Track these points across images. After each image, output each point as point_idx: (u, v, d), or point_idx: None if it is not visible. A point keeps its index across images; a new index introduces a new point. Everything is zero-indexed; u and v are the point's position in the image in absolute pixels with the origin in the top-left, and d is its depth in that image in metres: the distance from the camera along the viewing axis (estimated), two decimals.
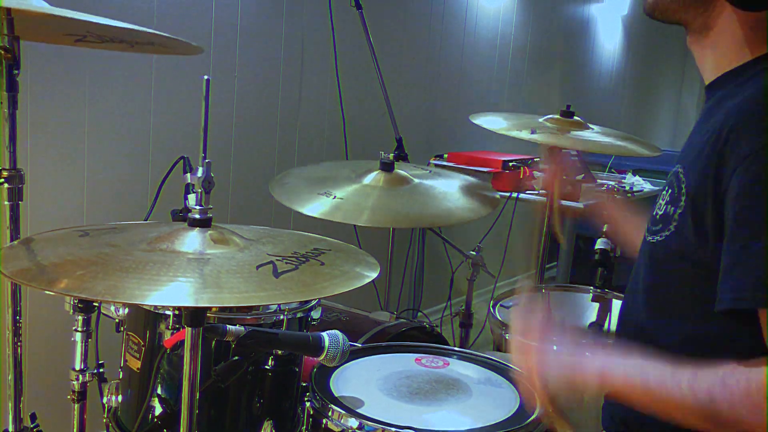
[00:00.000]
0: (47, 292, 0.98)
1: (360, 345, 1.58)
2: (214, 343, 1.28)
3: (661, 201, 1.16)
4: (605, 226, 2.33)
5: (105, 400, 1.42)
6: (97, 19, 1.28)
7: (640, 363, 1.05)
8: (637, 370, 1.04)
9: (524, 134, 2.13)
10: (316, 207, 1.79)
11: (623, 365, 1.07)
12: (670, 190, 1.12)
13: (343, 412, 1.23)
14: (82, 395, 1.52)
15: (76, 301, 1.45)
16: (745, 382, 0.93)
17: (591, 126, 2.31)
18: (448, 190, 2.00)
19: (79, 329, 1.48)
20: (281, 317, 1.36)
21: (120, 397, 1.41)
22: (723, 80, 1.13)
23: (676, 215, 1.08)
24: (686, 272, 1.09)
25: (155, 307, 1.32)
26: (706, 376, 0.97)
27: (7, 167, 1.40)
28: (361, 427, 1.20)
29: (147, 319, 1.36)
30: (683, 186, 1.08)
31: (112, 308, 1.43)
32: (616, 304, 2.12)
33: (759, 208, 0.94)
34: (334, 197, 1.83)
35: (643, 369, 1.04)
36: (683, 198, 1.07)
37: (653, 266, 1.17)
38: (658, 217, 1.15)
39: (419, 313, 3.40)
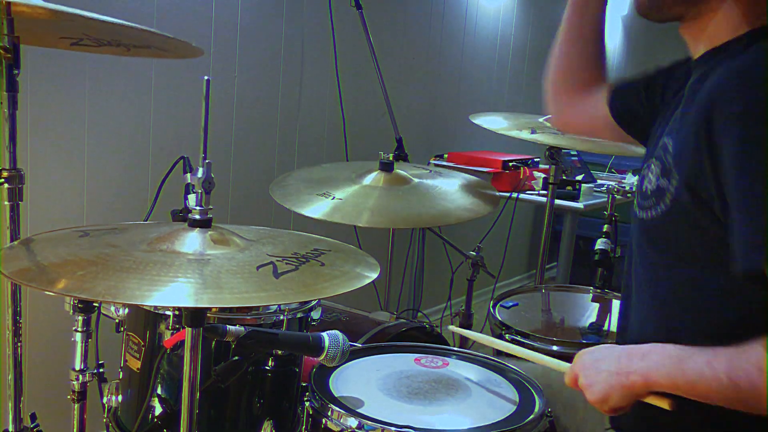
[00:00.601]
0: (47, 293, 0.98)
1: (360, 345, 1.58)
2: (214, 343, 1.28)
3: (650, 174, 1.13)
4: (605, 226, 2.33)
5: (105, 400, 1.42)
6: (94, 15, 1.28)
7: (677, 357, 1.02)
8: (675, 366, 1.02)
9: (524, 134, 2.14)
10: (316, 208, 1.79)
11: (664, 365, 1.04)
12: (659, 163, 1.10)
13: (342, 411, 1.23)
14: (82, 395, 1.52)
15: (76, 301, 1.45)
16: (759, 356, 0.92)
17: None
18: (448, 189, 2.00)
19: (79, 329, 1.48)
20: (281, 317, 1.37)
21: (120, 397, 1.42)
22: (714, 52, 1.12)
23: (671, 188, 1.06)
24: (683, 244, 1.08)
25: (155, 307, 1.32)
26: (739, 361, 0.95)
27: (7, 167, 1.40)
28: (360, 426, 1.20)
29: (147, 320, 1.36)
30: (671, 158, 1.06)
31: (112, 308, 1.43)
32: (616, 304, 2.13)
33: (753, 169, 0.92)
34: (333, 198, 1.83)
35: (679, 364, 1.01)
36: (674, 170, 1.05)
37: (646, 245, 1.15)
38: (648, 191, 1.12)
39: (419, 313, 3.40)
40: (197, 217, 1.15)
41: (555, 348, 1.81)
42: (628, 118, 1.40)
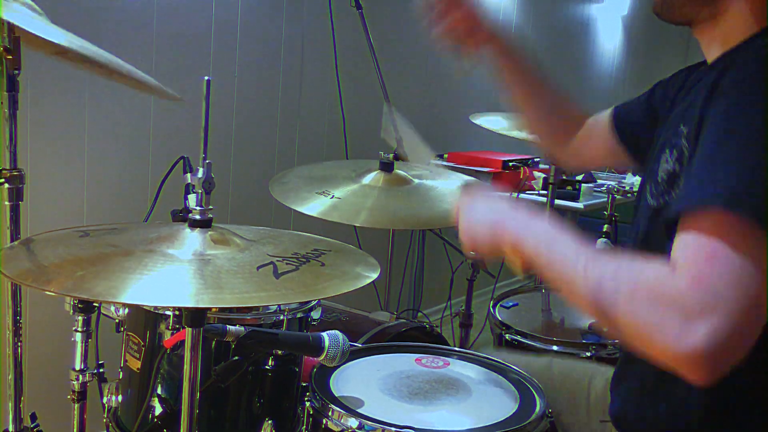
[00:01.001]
0: (47, 293, 0.98)
1: (360, 345, 1.58)
2: (214, 343, 1.28)
3: (664, 164, 1.10)
4: (605, 226, 2.33)
5: (105, 400, 1.42)
6: (91, 55, 1.27)
7: (553, 234, 0.99)
8: (548, 240, 0.99)
9: (524, 134, 2.14)
10: (314, 206, 1.79)
11: (538, 233, 1.01)
12: (674, 150, 1.08)
13: (343, 411, 1.23)
14: (82, 395, 1.52)
15: (76, 302, 1.45)
16: (635, 277, 0.85)
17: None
18: (447, 190, 2.00)
19: (79, 329, 1.47)
20: (281, 317, 1.36)
21: (120, 397, 1.41)
22: (726, 56, 1.11)
23: (683, 174, 1.03)
24: None
25: (155, 307, 1.32)
26: (603, 263, 0.90)
27: (8, 167, 1.40)
28: (361, 426, 1.20)
29: (147, 320, 1.36)
30: (686, 143, 1.04)
31: (112, 308, 1.43)
32: None
33: (731, 129, 0.88)
34: (332, 197, 1.83)
35: (553, 240, 0.98)
36: (687, 155, 1.02)
37: (653, 233, 1.13)
38: (660, 179, 1.10)
39: (419, 313, 3.40)
40: (197, 217, 1.15)
41: (555, 348, 1.81)
42: (631, 135, 1.41)
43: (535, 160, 3.52)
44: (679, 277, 0.81)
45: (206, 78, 1.08)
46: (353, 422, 1.21)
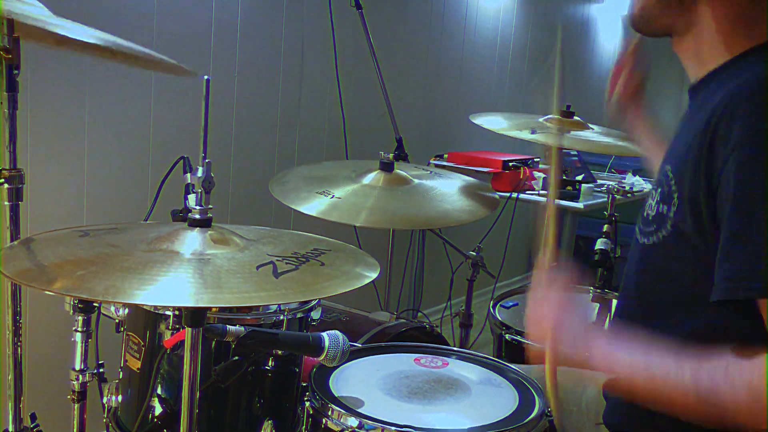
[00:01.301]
0: (47, 293, 0.98)
1: (360, 345, 1.58)
2: (214, 343, 1.28)
3: (651, 201, 1.14)
4: (605, 226, 2.33)
5: (105, 400, 1.42)
6: (92, 40, 1.27)
7: (645, 349, 1.02)
8: (642, 356, 1.02)
9: (524, 134, 2.14)
10: (314, 206, 1.79)
11: (629, 350, 1.04)
12: (660, 189, 1.11)
13: (343, 411, 1.23)
14: (82, 395, 1.52)
15: (76, 301, 1.45)
16: (748, 374, 0.92)
17: (591, 126, 2.32)
18: (447, 191, 2.00)
19: (79, 329, 1.47)
20: (281, 317, 1.36)
21: (120, 397, 1.41)
22: (706, 81, 1.13)
23: (671, 214, 1.06)
24: (685, 271, 1.08)
25: (155, 307, 1.32)
26: (709, 367, 0.95)
27: (7, 167, 1.40)
28: (361, 426, 1.20)
29: (147, 320, 1.36)
30: (672, 184, 1.06)
31: (112, 308, 1.43)
32: (616, 304, 2.12)
33: (755, 194, 0.92)
34: (332, 197, 1.83)
35: (647, 356, 1.01)
36: (675, 195, 1.05)
37: (648, 268, 1.16)
38: (650, 218, 1.13)
39: (419, 314, 3.40)
40: (197, 216, 1.15)
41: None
42: None
43: (535, 160, 3.52)
44: None
45: (206, 78, 1.08)
46: (353, 422, 1.21)
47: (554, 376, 1.10)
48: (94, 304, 1.47)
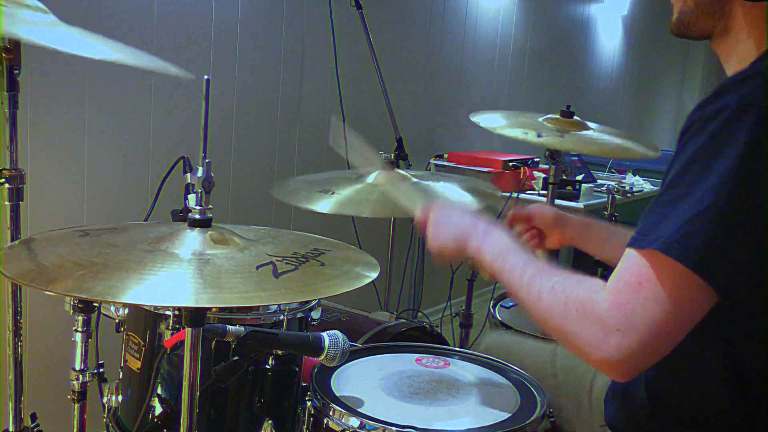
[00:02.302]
0: (47, 293, 0.98)
1: (360, 345, 1.58)
2: (214, 343, 1.28)
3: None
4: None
5: (105, 400, 1.42)
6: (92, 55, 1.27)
7: (508, 245, 1.14)
8: (503, 252, 1.13)
9: (530, 137, 2.14)
10: (317, 203, 1.78)
11: (495, 245, 1.16)
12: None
13: (344, 411, 1.23)
14: (82, 395, 1.52)
15: (76, 301, 1.45)
16: (570, 291, 0.98)
17: (591, 126, 2.32)
18: (449, 187, 2.00)
19: (79, 329, 1.47)
20: (281, 317, 1.36)
21: (120, 397, 1.41)
22: (733, 78, 1.12)
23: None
24: None
25: (155, 307, 1.32)
26: (544, 276, 1.03)
27: (8, 167, 1.40)
28: (362, 426, 1.20)
29: (147, 320, 1.36)
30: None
31: (112, 308, 1.43)
32: None
33: (694, 169, 0.93)
34: (333, 193, 1.82)
35: (506, 252, 1.13)
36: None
37: None
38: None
39: (419, 314, 3.40)
40: (197, 216, 1.15)
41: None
42: None
43: (535, 160, 3.52)
44: (605, 297, 0.95)
45: (206, 78, 1.08)
46: (355, 422, 1.21)
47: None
48: (94, 304, 1.47)
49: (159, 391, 1.33)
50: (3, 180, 1.39)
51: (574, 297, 0.98)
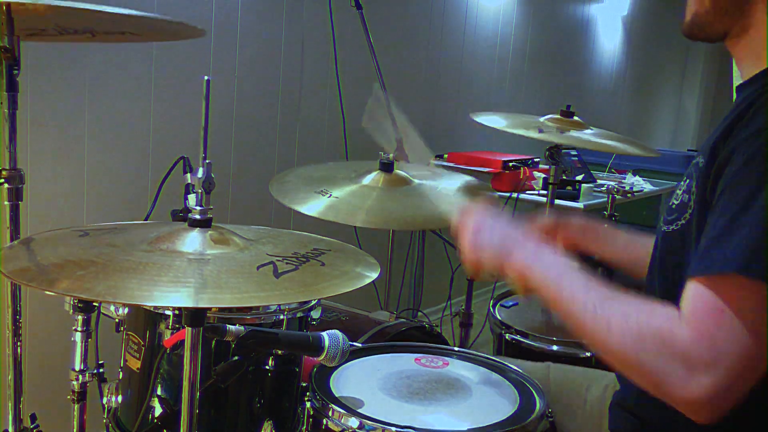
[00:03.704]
0: (47, 293, 0.98)
1: (360, 345, 1.58)
2: (214, 343, 1.28)
3: (678, 191, 1.14)
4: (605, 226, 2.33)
5: (105, 400, 1.42)
6: (92, 6, 1.26)
7: (563, 268, 1.04)
8: (558, 274, 1.03)
9: (532, 133, 2.14)
10: (312, 206, 1.78)
11: (548, 266, 1.06)
12: (688, 180, 1.11)
13: (343, 411, 1.23)
14: (82, 395, 1.52)
15: (76, 301, 1.45)
16: (645, 321, 0.91)
17: (590, 128, 2.32)
18: (446, 192, 2.00)
19: (79, 329, 1.47)
20: (281, 317, 1.36)
21: (120, 397, 1.41)
22: (753, 80, 1.11)
23: (692, 202, 1.06)
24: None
25: (155, 307, 1.32)
26: (613, 303, 0.95)
27: (7, 167, 1.40)
28: (361, 426, 1.20)
29: (147, 319, 1.36)
30: (697, 174, 1.06)
31: (112, 308, 1.43)
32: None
33: (751, 184, 0.91)
34: (330, 196, 1.82)
35: (562, 275, 1.03)
36: (697, 185, 1.05)
37: (666, 255, 1.16)
38: (674, 206, 1.13)
39: (419, 313, 3.40)
40: (197, 217, 1.15)
41: (555, 348, 1.81)
42: None
43: (535, 160, 3.52)
44: (686, 328, 0.87)
45: (206, 78, 1.08)
46: (354, 422, 1.21)
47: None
48: (94, 304, 1.47)
49: (159, 391, 1.33)
50: (3, 180, 1.39)
51: (650, 328, 0.90)
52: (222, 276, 1.04)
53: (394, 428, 1.18)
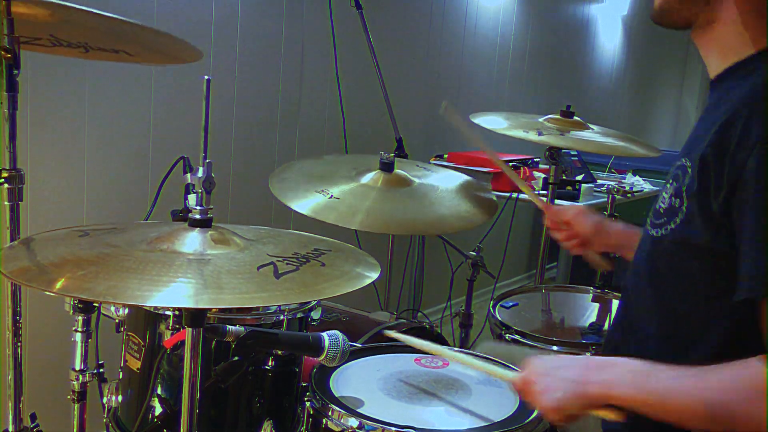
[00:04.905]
0: (47, 293, 0.98)
1: (360, 345, 1.58)
2: (214, 343, 1.28)
3: (664, 194, 1.15)
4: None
5: (105, 400, 1.42)
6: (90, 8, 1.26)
7: (641, 371, 1.02)
8: (640, 380, 1.01)
9: (532, 135, 2.14)
10: (311, 206, 1.78)
11: (625, 378, 1.03)
12: (675, 183, 1.11)
13: (343, 411, 1.23)
14: (82, 395, 1.52)
15: (76, 302, 1.45)
16: (756, 378, 0.92)
17: (591, 126, 2.32)
18: (446, 194, 1.99)
19: (79, 329, 1.47)
20: (281, 317, 1.36)
21: (120, 397, 1.41)
22: (727, 74, 1.12)
23: (684, 207, 1.07)
24: (691, 265, 1.09)
25: (155, 307, 1.32)
26: (714, 376, 0.95)
27: (7, 167, 1.40)
28: (361, 426, 1.20)
29: (147, 320, 1.36)
30: (687, 178, 1.07)
31: (112, 308, 1.43)
32: (616, 304, 2.12)
33: None
34: (330, 196, 1.82)
35: (645, 378, 1.01)
36: (687, 190, 1.06)
37: (656, 260, 1.16)
38: (661, 210, 1.14)
39: (419, 314, 3.40)
40: (197, 216, 1.15)
41: (555, 348, 1.80)
42: None
43: (535, 160, 3.52)
44: None
45: (206, 78, 1.08)
46: (353, 422, 1.21)
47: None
48: (94, 304, 1.47)
49: (159, 391, 1.33)
50: (3, 180, 1.39)
51: (752, 386, 0.92)
52: (222, 276, 1.04)
53: (394, 428, 1.18)
